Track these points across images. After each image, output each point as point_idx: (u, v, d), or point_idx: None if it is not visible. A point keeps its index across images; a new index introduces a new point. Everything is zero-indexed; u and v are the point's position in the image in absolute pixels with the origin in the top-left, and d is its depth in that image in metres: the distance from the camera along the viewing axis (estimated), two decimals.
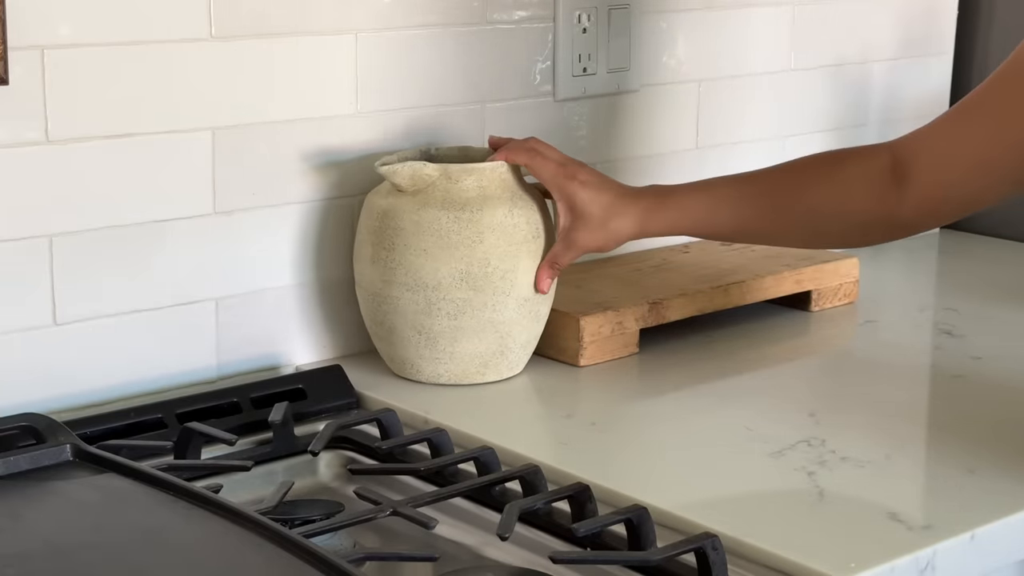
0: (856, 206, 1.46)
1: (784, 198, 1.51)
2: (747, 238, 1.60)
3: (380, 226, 1.54)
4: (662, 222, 1.54)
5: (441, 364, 1.55)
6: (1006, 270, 2.08)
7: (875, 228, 1.47)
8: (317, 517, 1.26)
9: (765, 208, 1.51)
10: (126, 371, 1.51)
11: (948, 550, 1.21)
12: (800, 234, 1.53)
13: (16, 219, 1.42)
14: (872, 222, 1.46)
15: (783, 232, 1.53)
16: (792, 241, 1.56)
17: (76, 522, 1.09)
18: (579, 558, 1.22)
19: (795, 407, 1.50)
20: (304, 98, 1.58)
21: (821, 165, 1.50)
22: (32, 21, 1.39)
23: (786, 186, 1.51)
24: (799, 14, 2.05)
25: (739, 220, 1.52)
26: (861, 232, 1.49)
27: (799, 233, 1.52)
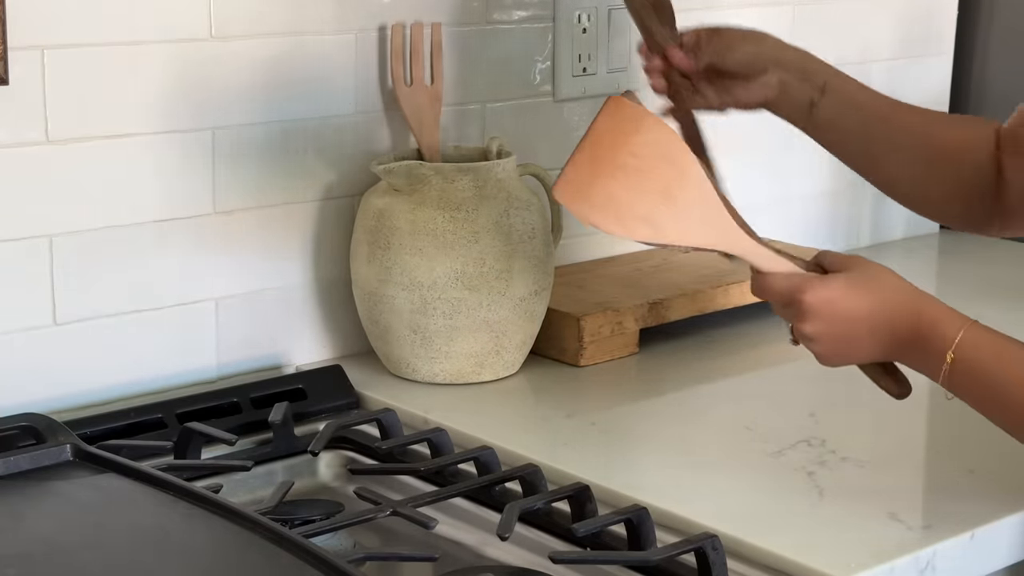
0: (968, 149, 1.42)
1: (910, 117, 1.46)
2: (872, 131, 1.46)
3: (376, 225, 1.54)
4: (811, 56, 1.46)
5: (437, 363, 1.55)
6: (1006, 270, 2.08)
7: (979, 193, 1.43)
8: (317, 517, 1.26)
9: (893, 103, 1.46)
10: (126, 371, 1.51)
11: (948, 550, 1.21)
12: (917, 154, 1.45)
13: (16, 219, 1.42)
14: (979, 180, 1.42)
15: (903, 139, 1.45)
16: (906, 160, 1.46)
17: (76, 522, 1.09)
18: (579, 558, 1.22)
19: (795, 407, 1.50)
20: (304, 98, 1.58)
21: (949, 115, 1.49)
22: (32, 21, 1.39)
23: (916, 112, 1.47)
24: (799, 14, 2.05)
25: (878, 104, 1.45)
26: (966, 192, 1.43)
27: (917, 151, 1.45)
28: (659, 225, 1.24)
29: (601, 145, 1.25)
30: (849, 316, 1.24)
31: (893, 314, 1.24)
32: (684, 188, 1.25)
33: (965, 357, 1.21)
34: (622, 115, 1.26)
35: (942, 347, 1.22)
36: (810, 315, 1.24)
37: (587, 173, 1.25)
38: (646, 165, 1.24)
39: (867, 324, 1.24)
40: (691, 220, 1.25)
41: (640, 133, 1.25)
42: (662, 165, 1.25)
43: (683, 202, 1.25)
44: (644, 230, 1.24)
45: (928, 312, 1.24)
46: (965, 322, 1.23)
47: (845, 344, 1.25)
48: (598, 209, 1.24)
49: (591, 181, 1.24)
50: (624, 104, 1.26)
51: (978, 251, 2.19)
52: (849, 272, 1.26)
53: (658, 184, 1.24)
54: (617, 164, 1.24)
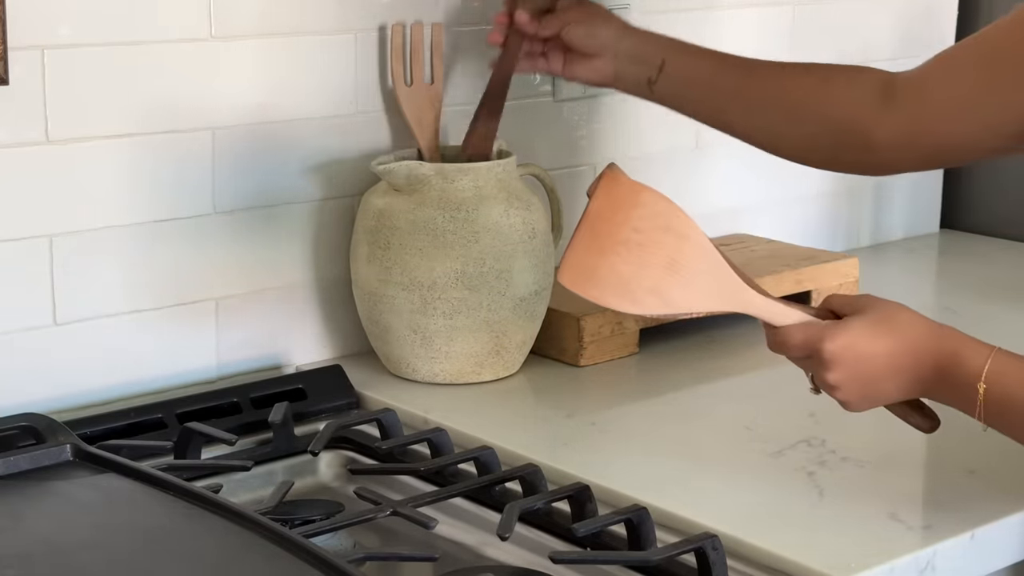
0: (835, 106, 1.43)
1: (769, 68, 1.48)
2: (717, 99, 1.50)
3: (376, 225, 1.54)
4: (650, 36, 1.52)
5: (437, 363, 1.55)
6: (1006, 270, 2.08)
7: (847, 141, 1.43)
8: (317, 517, 1.26)
9: (747, 68, 1.48)
10: (126, 371, 1.51)
11: (948, 550, 1.21)
12: (772, 112, 1.47)
13: (16, 219, 1.42)
14: (849, 129, 1.42)
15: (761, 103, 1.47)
16: (760, 119, 1.49)
17: (76, 522, 1.09)
18: (579, 558, 1.22)
19: (795, 407, 1.50)
20: (304, 98, 1.58)
21: (814, 63, 1.48)
22: (32, 21, 1.39)
23: (774, 67, 1.49)
24: (799, 14, 2.05)
25: (723, 71, 1.48)
26: (832, 141, 1.44)
27: (775, 112, 1.47)
28: (667, 296, 1.25)
29: (601, 224, 1.26)
30: (871, 359, 1.23)
31: (916, 352, 1.24)
32: (688, 257, 1.25)
33: (997, 386, 1.21)
34: (619, 192, 1.26)
35: (971, 379, 1.21)
36: (832, 363, 1.23)
37: (591, 253, 1.25)
38: (648, 239, 1.25)
39: (890, 365, 1.24)
40: (699, 287, 1.26)
41: (639, 207, 1.25)
42: (664, 237, 1.25)
43: (688, 271, 1.25)
44: (654, 303, 1.25)
45: (948, 345, 1.23)
46: (990, 350, 1.22)
47: (870, 388, 1.25)
48: (607, 288, 1.24)
49: (596, 262, 1.25)
50: (620, 181, 1.27)
51: (978, 251, 2.19)
52: (865, 315, 1.25)
53: (662, 256, 1.25)
54: (619, 240, 1.24)
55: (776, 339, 1.27)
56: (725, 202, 2.01)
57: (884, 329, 1.24)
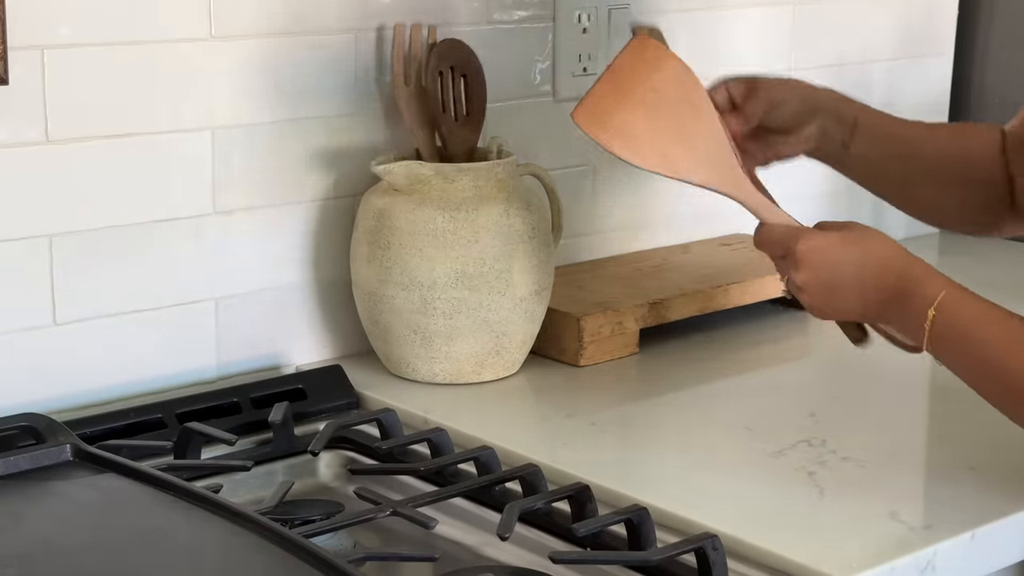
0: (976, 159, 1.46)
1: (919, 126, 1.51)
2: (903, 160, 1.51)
3: (376, 225, 1.54)
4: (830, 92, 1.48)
5: (437, 363, 1.55)
6: (1006, 270, 2.08)
7: (993, 198, 1.47)
8: (317, 517, 1.26)
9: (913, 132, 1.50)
10: (126, 371, 1.51)
11: (948, 550, 1.21)
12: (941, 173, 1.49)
13: (16, 219, 1.42)
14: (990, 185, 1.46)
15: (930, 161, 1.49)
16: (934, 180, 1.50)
17: (76, 522, 1.09)
18: (579, 558, 1.22)
19: (795, 407, 1.50)
20: (304, 98, 1.58)
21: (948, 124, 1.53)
22: (32, 21, 1.39)
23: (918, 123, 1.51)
24: (799, 14, 2.05)
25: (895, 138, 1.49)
26: (980, 201, 1.48)
27: (941, 171, 1.49)
28: (672, 159, 1.29)
29: (623, 79, 1.30)
30: (838, 266, 1.28)
31: (881, 268, 1.28)
32: (699, 129, 1.30)
33: (946, 315, 1.25)
34: (645, 53, 1.31)
35: (924, 304, 1.25)
36: (802, 263, 1.28)
37: (608, 103, 1.29)
38: (665, 102, 1.29)
39: (855, 275, 1.28)
40: (702, 159, 1.31)
41: (662, 71, 1.30)
42: (680, 104, 1.30)
43: (697, 141, 1.30)
44: (657, 161, 1.29)
45: (915, 270, 1.28)
46: (949, 283, 1.26)
47: (834, 294, 1.29)
48: (615, 136, 1.29)
49: (611, 111, 1.29)
50: (648, 43, 1.31)
51: (978, 251, 2.19)
52: (843, 227, 1.31)
53: (674, 121, 1.29)
54: (637, 98, 1.29)
55: (760, 233, 1.34)
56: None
57: (856, 240, 1.30)
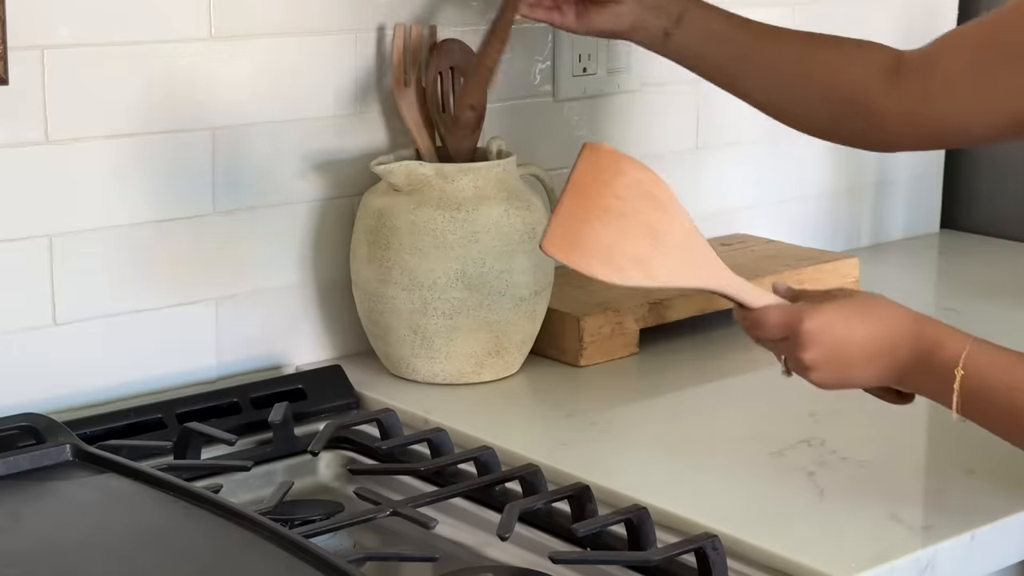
0: (843, 74, 1.43)
1: (781, 35, 1.48)
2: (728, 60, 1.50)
3: (376, 225, 1.54)
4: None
5: (437, 363, 1.55)
6: (1006, 270, 2.08)
7: (853, 113, 1.43)
8: (317, 517, 1.26)
9: (759, 32, 1.48)
10: (126, 371, 1.51)
11: (948, 550, 1.21)
12: (779, 80, 1.47)
13: (16, 219, 1.42)
14: (852, 101, 1.43)
15: (768, 67, 1.48)
16: (766, 85, 1.49)
17: (76, 522, 1.09)
18: (579, 558, 1.22)
19: (795, 407, 1.50)
20: (304, 98, 1.58)
21: (826, 34, 1.49)
22: (32, 21, 1.39)
23: (788, 33, 1.49)
24: (799, 14, 2.05)
25: (737, 28, 1.48)
26: (838, 112, 1.44)
27: (778, 77, 1.47)
28: (650, 267, 1.25)
29: (584, 192, 1.25)
30: (849, 342, 1.23)
31: (893, 337, 1.24)
32: (670, 227, 1.26)
33: (975, 372, 1.21)
34: (600, 160, 1.27)
35: (949, 364, 1.21)
36: (809, 343, 1.23)
37: (574, 221, 1.25)
38: (630, 207, 1.25)
39: (867, 349, 1.24)
40: (680, 260, 1.26)
41: (622, 175, 1.26)
42: (646, 205, 1.26)
43: (670, 242, 1.26)
44: (637, 274, 1.25)
45: (928, 331, 1.23)
46: (968, 338, 1.22)
47: (845, 370, 1.25)
48: (591, 256, 1.24)
49: (578, 228, 1.24)
50: (600, 149, 1.27)
51: (978, 251, 2.19)
52: (842, 299, 1.26)
53: (644, 225, 1.25)
54: (602, 207, 1.25)
55: (753, 318, 1.28)
56: (725, 202, 2.01)
57: (862, 312, 1.25)
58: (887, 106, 1.40)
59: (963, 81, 1.35)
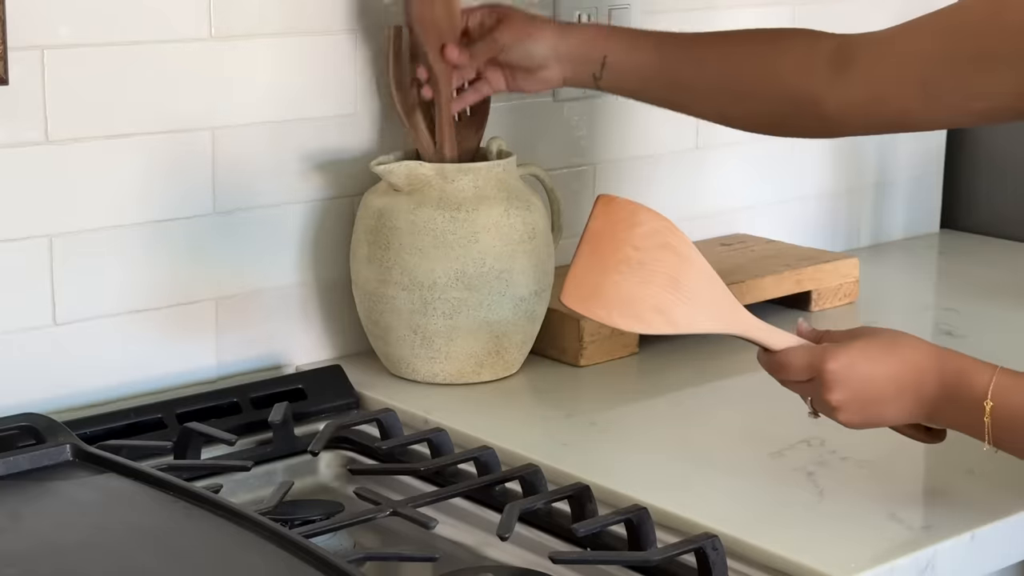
0: (784, 78, 1.42)
1: (714, 49, 1.47)
2: (670, 87, 1.50)
3: (376, 225, 1.54)
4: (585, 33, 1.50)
5: (437, 363, 1.55)
6: (1006, 270, 2.08)
7: (800, 112, 1.42)
8: (317, 517, 1.26)
9: (691, 54, 1.47)
10: (126, 371, 1.51)
11: (948, 550, 1.21)
12: (719, 95, 1.47)
13: (16, 219, 1.42)
14: (796, 101, 1.42)
15: (707, 86, 1.47)
16: (708, 102, 1.49)
17: (76, 522, 1.09)
18: (579, 558, 1.22)
19: (795, 407, 1.50)
20: (304, 98, 1.58)
21: (764, 31, 1.48)
22: (32, 21, 1.39)
23: (720, 40, 1.48)
24: (799, 14, 2.05)
25: (666, 59, 1.47)
26: (781, 112, 1.44)
27: (722, 93, 1.46)
28: (671, 315, 1.25)
29: (601, 244, 1.26)
30: (874, 380, 1.23)
31: (919, 374, 1.23)
32: (689, 275, 1.26)
33: (1004, 402, 1.20)
34: (616, 212, 1.27)
35: (977, 397, 1.20)
36: (835, 384, 1.23)
37: (593, 272, 1.25)
38: (648, 257, 1.25)
39: (893, 386, 1.23)
40: (700, 306, 1.26)
41: (638, 226, 1.26)
42: (664, 254, 1.26)
43: (689, 289, 1.26)
44: (658, 321, 1.25)
45: (952, 364, 1.22)
46: (993, 369, 1.21)
47: (872, 408, 1.24)
48: (611, 308, 1.25)
49: (598, 281, 1.25)
50: (616, 201, 1.27)
51: (978, 251, 2.19)
52: (866, 338, 1.25)
53: (663, 274, 1.26)
54: (620, 259, 1.25)
55: (777, 361, 1.27)
56: (725, 202, 2.01)
57: (886, 350, 1.23)
58: (835, 99, 1.39)
59: (920, 72, 1.33)
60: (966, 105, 1.32)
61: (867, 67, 1.37)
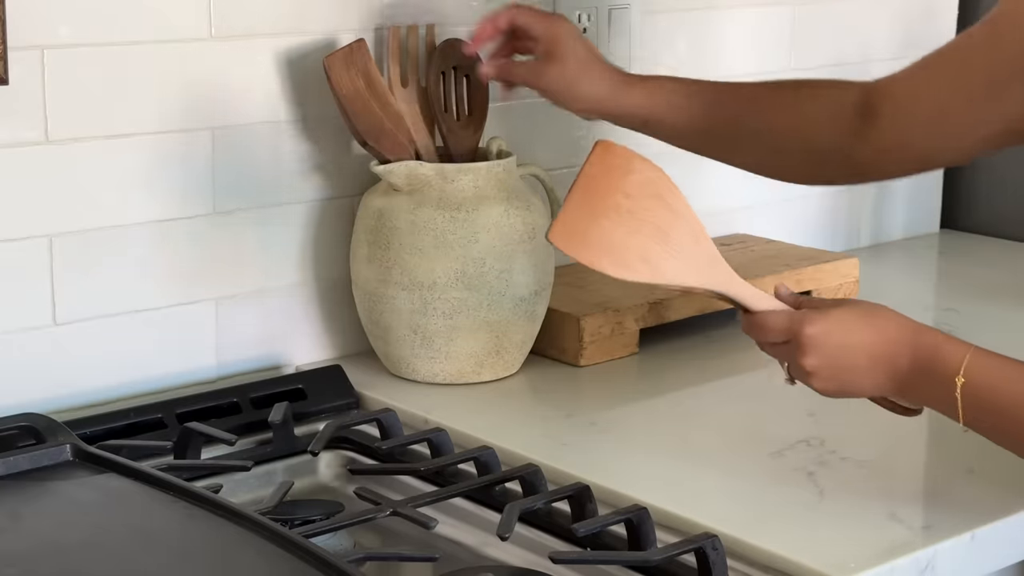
0: (817, 131, 1.43)
1: (751, 105, 1.47)
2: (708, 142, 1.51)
3: (376, 225, 1.54)
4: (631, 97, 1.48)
5: (437, 363, 1.55)
6: (1006, 270, 2.08)
7: (833, 161, 1.43)
8: (317, 517, 1.26)
9: (731, 111, 1.48)
10: (126, 371, 1.51)
11: (948, 550, 1.21)
12: (758, 149, 1.47)
13: (16, 219, 1.42)
14: (830, 152, 1.42)
15: (743, 141, 1.47)
16: (749, 155, 1.49)
17: (76, 522, 1.09)
18: (579, 558, 1.22)
19: (795, 407, 1.50)
20: (303, 98, 1.58)
21: (793, 84, 1.48)
22: (32, 21, 1.39)
23: (755, 94, 1.48)
24: (799, 14, 2.05)
25: (705, 118, 1.47)
26: (818, 163, 1.45)
27: (757, 147, 1.47)
28: (657, 265, 1.26)
29: (594, 188, 1.27)
30: (849, 348, 1.24)
31: (893, 346, 1.24)
32: (678, 228, 1.27)
33: (975, 380, 1.20)
34: (612, 158, 1.28)
35: (949, 372, 1.21)
36: (810, 348, 1.24)
37: (582, 216, 1.26)
38: (639, 205, 1.27)
39: (867, 356, 1.24)
40: (686, 259, 1.27)
41: (632, 174, 1.28)
42: (655, 204, 1.27)
43: (677, 242, 1.27)
44: (643, 269, 1.26)
45: (926, 339, 1.24)
46: (968, 347, 1.22)
47: (845, 377, 1.25)
48: (596, 251, 1.26)
49: (587, 224, 1.26)
50: (613, 147, 1.29)
51: (978, 251, 2.19)
52: (845, 307, 1.27)
53: (652, 224, 1.27)
54: (610, 205, 1.26)
55: (756, 322, 1.28)
56: (725, 202, 2.01)
57: (863, 320, 1.25)
58: (865, 149, 1.40)
59: (941, 114, 1.34)
60: (988, 133, 1.33)
61: (891, 115, 1.38)
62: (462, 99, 1.61)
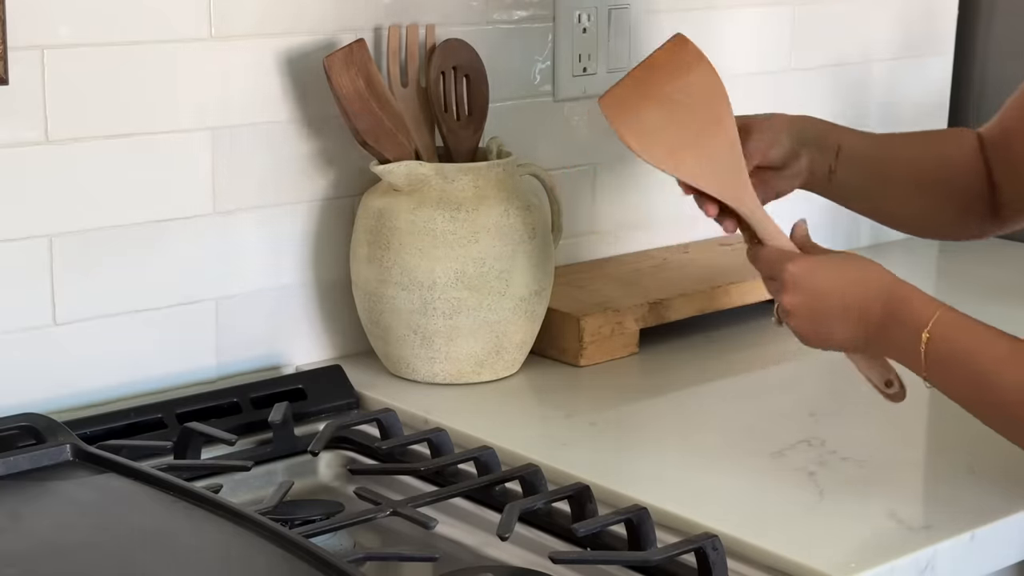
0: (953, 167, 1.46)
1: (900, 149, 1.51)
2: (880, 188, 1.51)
3: (376, 225, 1.54)
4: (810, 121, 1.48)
5: (437, 363, 1.55)
6: (1006, 270, 2.08)
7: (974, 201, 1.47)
8: (317, 517, 1.26)
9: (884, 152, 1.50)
10: (126, 371, 1.51)
11: (948, 550, 1.21)
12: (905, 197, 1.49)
13: (16, 219, 1.42)
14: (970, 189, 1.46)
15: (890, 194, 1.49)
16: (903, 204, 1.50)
17: (76, 522, 1.09)
18: (579, 558, 1.22)
19: (795, 407, 1.50)
20: (303, 98, 1.58)
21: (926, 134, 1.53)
22: (32, 21, 1.39)
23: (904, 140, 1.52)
24: (799, 14, 2.05)
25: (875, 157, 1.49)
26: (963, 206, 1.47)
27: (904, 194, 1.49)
28: (680, 159, 1.31)
29: (655, 73, 1.33)
30: (826, 293, 1.27)
31: (867, 296, 1.26)
32: (716, 136, 1.32)
33: (941, 337, 1.22)
34: (683, 53, 1.33)
35: (917, 327, 1.23)
36: (790, 286, 1.28)
37: (633, 93, 1.32)
38: (689, 102, 1.32)
39: (840, 302, 1.27)
40: (711, 166, 1.31)
41: (694, 74, 1.33)
42: (704, 110, 1.32)
43: (710, 147, 1.31)
44: (665, 158, 1.31)
45: (900, 292, 1.26)
46: (940, 305, 1.24)
47: (820, 320, 1.28)
48: (634, 128, 1.31)
49: (636, 102, 1.31)
50: (688, 44, 1.34)
51: (978, 251, 2.18)
52: (834, 254, 1.31)
53: (694, 126, 1.31)
54: (664, 94, 1.32)
55: (754, 252, 1.33)
56: None
57: (845, 269, 1.28)
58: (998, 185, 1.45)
59: None
60: None
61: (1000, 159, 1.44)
62: (462, 99, 1.61)
